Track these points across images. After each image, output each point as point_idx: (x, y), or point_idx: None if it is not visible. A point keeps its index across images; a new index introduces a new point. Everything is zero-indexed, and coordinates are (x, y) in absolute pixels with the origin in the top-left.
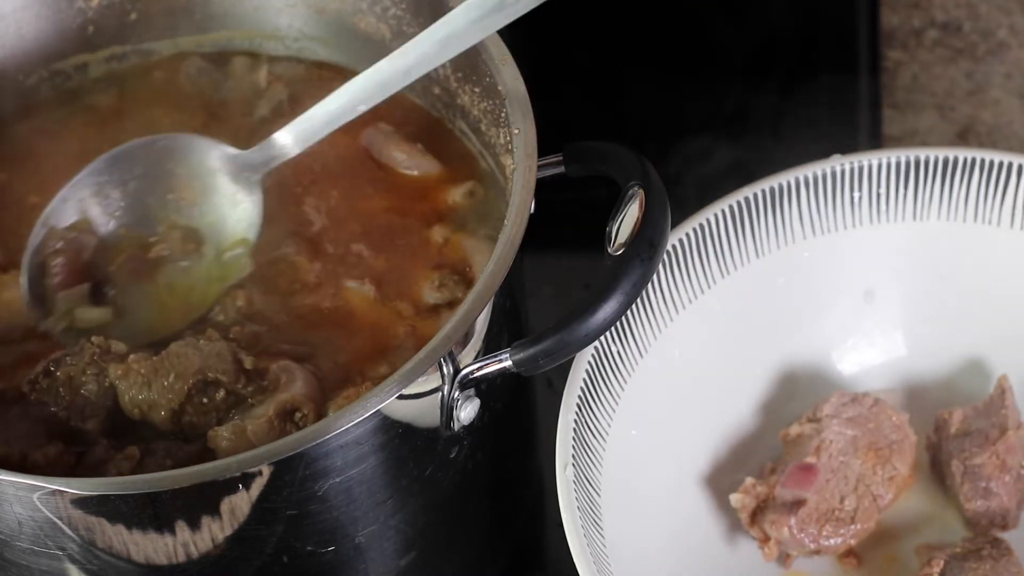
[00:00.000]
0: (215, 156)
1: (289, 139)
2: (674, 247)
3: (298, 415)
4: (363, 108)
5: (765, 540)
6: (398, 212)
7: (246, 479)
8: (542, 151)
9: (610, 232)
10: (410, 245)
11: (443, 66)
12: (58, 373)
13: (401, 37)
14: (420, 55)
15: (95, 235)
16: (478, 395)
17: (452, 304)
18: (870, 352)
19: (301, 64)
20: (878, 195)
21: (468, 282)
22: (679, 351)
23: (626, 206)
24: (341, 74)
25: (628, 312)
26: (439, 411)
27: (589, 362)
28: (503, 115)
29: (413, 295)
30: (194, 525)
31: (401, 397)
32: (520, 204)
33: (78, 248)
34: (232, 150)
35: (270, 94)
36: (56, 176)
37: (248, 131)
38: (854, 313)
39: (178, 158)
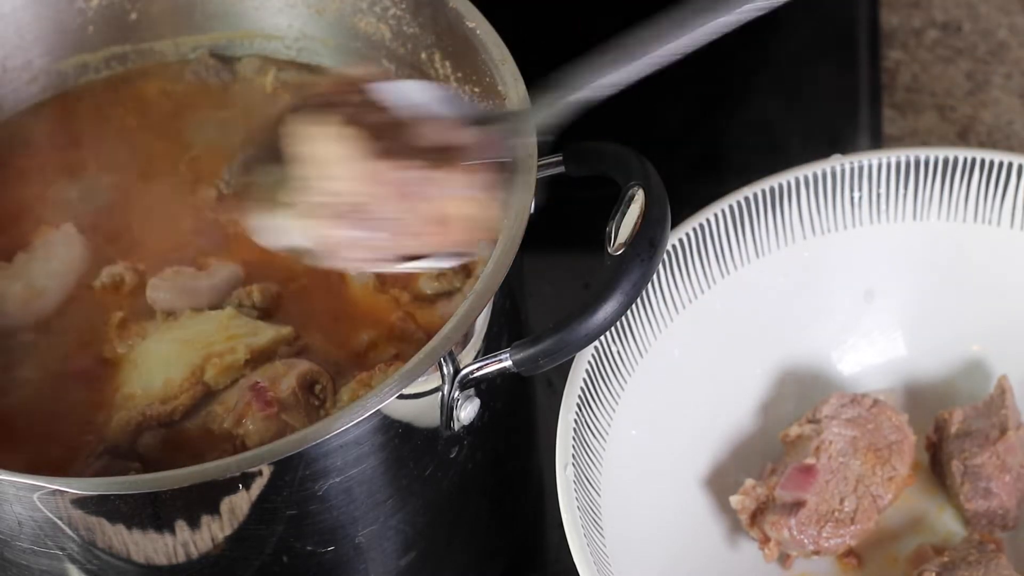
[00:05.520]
0: None
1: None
2: (674, 247)
3: (317, 387)
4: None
5: (765, 541)
6: None
7: (246, 479)
8: (542, 151)
9: (610, 232)
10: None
11: (443, 65)
12: None
13: (401, 37)
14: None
15: None
16: (478, 395)
17: (450, 294)
18: (870, 352)
19: (305, 69)
20: (878, 195)
21: (467, 272)
22: (679, 351)
23: (626, 206)
24: None
25: (628, 312)
26: (439, 411)
27: (589, 362)
28: None
29: (411, 284)
30: (194, 525)
31: (401, 397)
32: (520, 204)
33: None
34: None
35: (276, 100)
36: (56, 178)
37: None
38: (854, 313)
39: None
